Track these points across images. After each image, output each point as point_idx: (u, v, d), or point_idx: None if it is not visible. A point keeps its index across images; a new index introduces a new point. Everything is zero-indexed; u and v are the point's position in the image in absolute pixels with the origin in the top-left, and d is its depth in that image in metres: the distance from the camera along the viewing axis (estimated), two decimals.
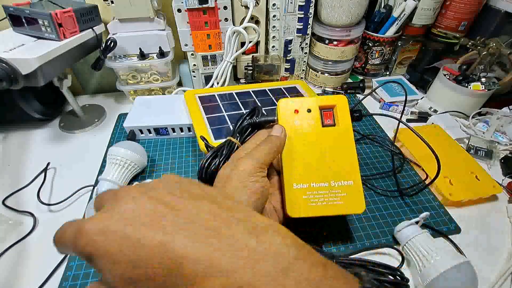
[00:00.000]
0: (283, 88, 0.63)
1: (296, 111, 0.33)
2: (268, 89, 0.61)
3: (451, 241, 0.39)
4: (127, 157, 0.43)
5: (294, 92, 0.62)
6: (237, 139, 0.35)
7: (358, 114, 0.35)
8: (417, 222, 0.37)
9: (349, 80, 0.73)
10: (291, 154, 0.32)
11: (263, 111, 0.38)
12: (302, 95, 0.62)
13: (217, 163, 0.33)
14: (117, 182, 0.42)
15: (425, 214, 0.37)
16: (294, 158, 0.32)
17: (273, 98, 0.58)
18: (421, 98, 0.63)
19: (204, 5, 0.53)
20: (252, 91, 0.60)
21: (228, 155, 0.34)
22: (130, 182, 0.45)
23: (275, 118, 0.34)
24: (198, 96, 0.56)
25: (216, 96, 0.57)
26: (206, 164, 0.33)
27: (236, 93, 0.58)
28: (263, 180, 0.27)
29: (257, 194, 0.26)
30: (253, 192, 0.26)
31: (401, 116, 0.44)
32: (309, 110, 0.33)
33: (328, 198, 0.31)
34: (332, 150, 0.33)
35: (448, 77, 0.59)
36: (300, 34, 0.63)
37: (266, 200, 0.29)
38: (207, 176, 0.33)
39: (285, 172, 0.32)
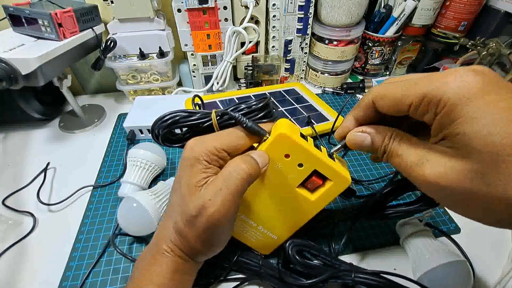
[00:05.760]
0: (282, 90, 0.63)
1: (287, 156, 0.27)
2: (268, 93, 0.61)
3: (454, 241, 0.39)
4: (147, 159, 0.43)
5: (293, 95, 0.62)
6: (217, 120, 0.29)
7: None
8: (420, 220, 0.37)
9: (349, 80, 0.73)
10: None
11: (273, 109, 0.31)
12: (302, 97, 0.62)
13: (184, 132, 0.30)
14: (139, 184, 0.41)
15: (428, 211, 0.37)
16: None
17: (274, 101, 0.58)
18: None
19: (204, 5, 0.53)
20: (253, 95, 0.60)
21: (198, 130, 0.30)
22: (152, 183, 0.45)
23: (267, 135, 0.27)
24: None
25: (218, 102, 0.57)
26: (169, 116, 0.28)
27: (237, 98, 0.58)
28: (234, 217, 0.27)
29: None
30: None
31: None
32: (300, 165, 0.27)
33: (248, 233, 0.34)
34: (285, 209, 0.30)
35: None
36: (300, 34, 0.63)
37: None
38: (159, 131, 0.29)
39: None
